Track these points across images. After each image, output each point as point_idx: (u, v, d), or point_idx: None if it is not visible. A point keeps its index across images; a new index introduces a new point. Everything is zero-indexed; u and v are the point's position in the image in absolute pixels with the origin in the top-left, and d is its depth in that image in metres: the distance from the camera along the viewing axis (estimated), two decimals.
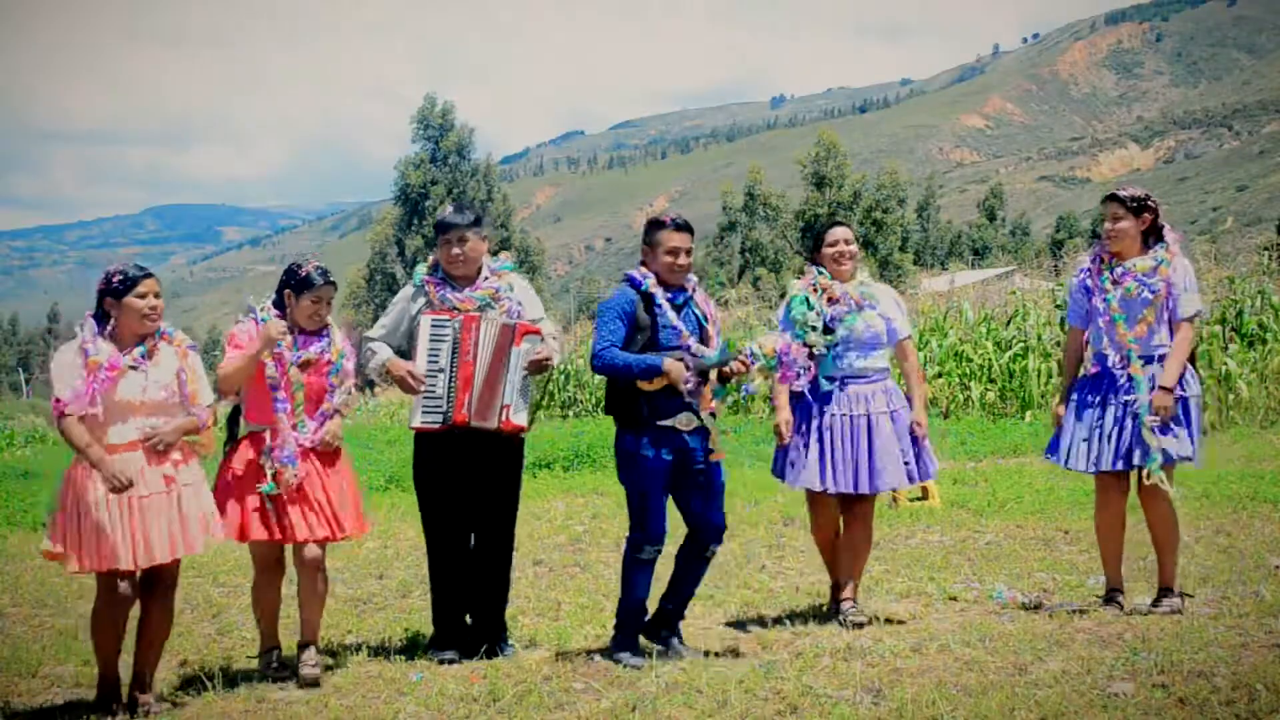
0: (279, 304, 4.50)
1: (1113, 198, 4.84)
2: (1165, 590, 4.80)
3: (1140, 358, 4.72)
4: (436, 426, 4.65)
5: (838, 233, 5.05)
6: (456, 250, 4.73)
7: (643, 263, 4.65)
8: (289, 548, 4.52)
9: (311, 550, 4.44)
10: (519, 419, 4.69)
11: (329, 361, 4.49)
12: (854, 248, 5.04)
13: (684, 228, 4.59)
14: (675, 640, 4.66)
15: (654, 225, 4.61)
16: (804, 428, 4.93)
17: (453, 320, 4.66)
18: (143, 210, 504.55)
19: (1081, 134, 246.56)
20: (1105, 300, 4.76)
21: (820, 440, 4.88)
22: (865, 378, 4.92)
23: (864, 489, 4.88)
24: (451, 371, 4.64)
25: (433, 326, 4.66)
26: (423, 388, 4.61)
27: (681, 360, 4.39)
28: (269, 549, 4.52)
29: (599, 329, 4.50)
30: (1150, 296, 4.70)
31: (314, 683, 4.34)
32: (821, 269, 5.05)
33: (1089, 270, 4.91)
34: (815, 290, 4.97)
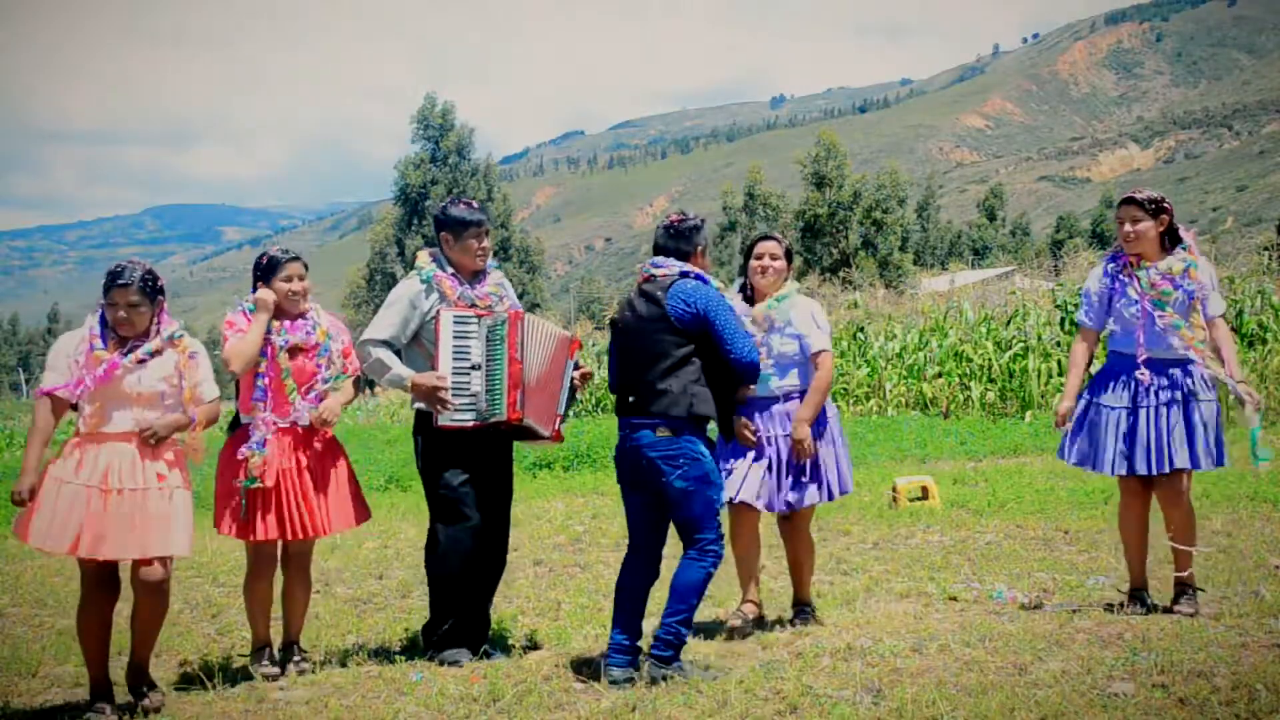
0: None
1: (1130, 200, 4.79)
2: (1186, 587, 4.80)
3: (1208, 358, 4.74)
4: (470, 424, 4.56)
5: (765, 246, 4.96)
6: (486, 244, 4.76)
7: (690, 261, 4.47)
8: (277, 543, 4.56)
9: (302, 547, 4.54)
10: (563, 429, 4.78)
11: (316, 344, 4.52)
12: (780, 263, 4.93)
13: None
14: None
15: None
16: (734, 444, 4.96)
17: (482, 318, 4.60)
18: (143, 210, 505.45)
19: (1081, 134, 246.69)
20: (1152, 302, 4.71)
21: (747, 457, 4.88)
22: (775, 400, 4.84)
23: (772, 508, 4.86)
24: (492, 368, 4.55)
25: (456, 323, 4.56)
26: (449, 391, 4.54)
27: None
28: (267, 546, 4.54)
29: (736, 328, 4.27)
30: (1189, 300, 4.72)
31: (303, 674, 4.41)
32: (739, 284, 5.04)
33: (1118, 274, 4.83)
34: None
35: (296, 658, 4.56)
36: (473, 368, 4.55)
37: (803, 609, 5.08)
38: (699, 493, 4.20)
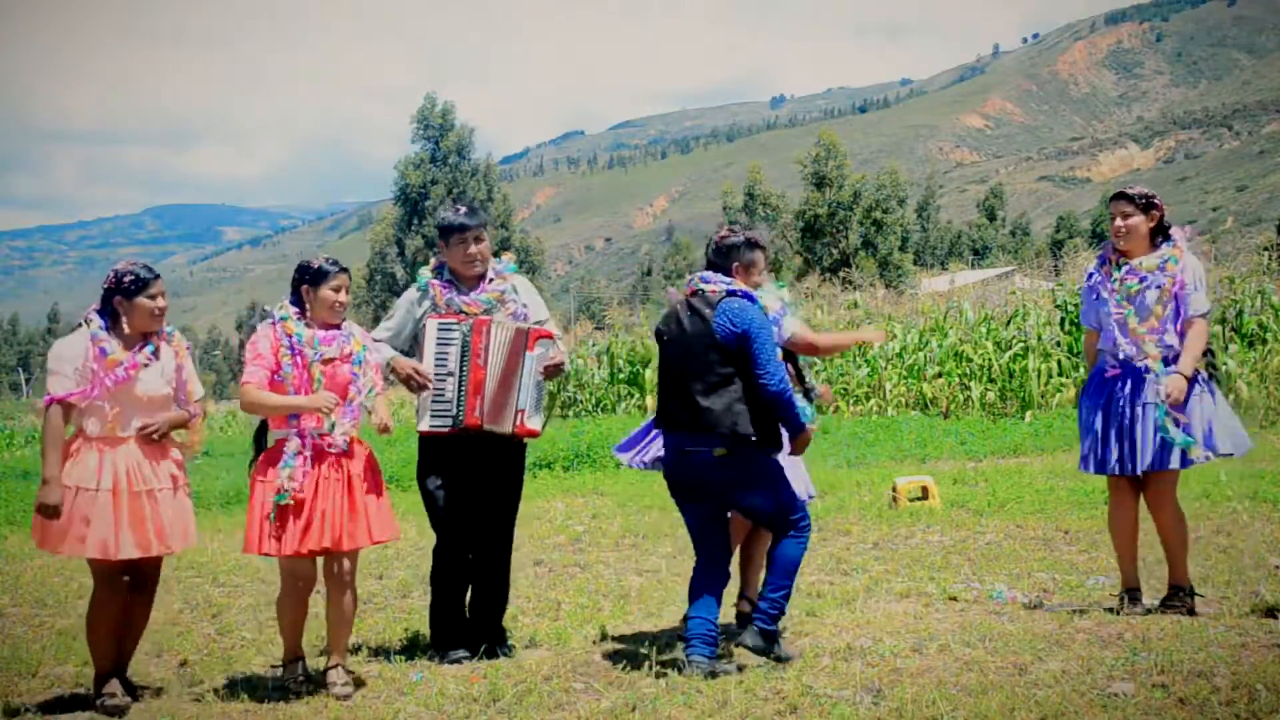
0: (296, 301, 4.41)
1: (1121, 195, 4.82)
2: (1177, 589, 4.79)
3: (1158, 348, 4.68)
4: (446, 430, 4.63)
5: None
6: (473, 249, 4.72)
7: (731, 276, 4.41)
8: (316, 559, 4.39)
9: (344, 563, 4.34)
10: (533, 424, 4.71)
11: (350, 354, 4.39)
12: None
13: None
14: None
15: (754, 245, 4.44)
16: None
17: (460, 324, 4.64)
18: (143, 210, 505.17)
19: (1081, 134, 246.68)
20: (1116, 299, 4.73)
21: None
22: None
23: None
24: (462, 375, 4.61)
25: (439, 330, 4.63)
26: (430, 389, 4.59)
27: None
28: (301, 562, 4.32)
29: (773, 356, 4.21)
30: (1156, 292, 4.67)
31: (347, 698, 4.23)
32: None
33: (1098, 271, 4.87)
34: None
35: (340, 680, 4.29)
36: (449, 374, 4.61)
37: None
38: (776, 494, 4.28)
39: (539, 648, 4.87)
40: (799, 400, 4.39)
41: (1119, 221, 4.78)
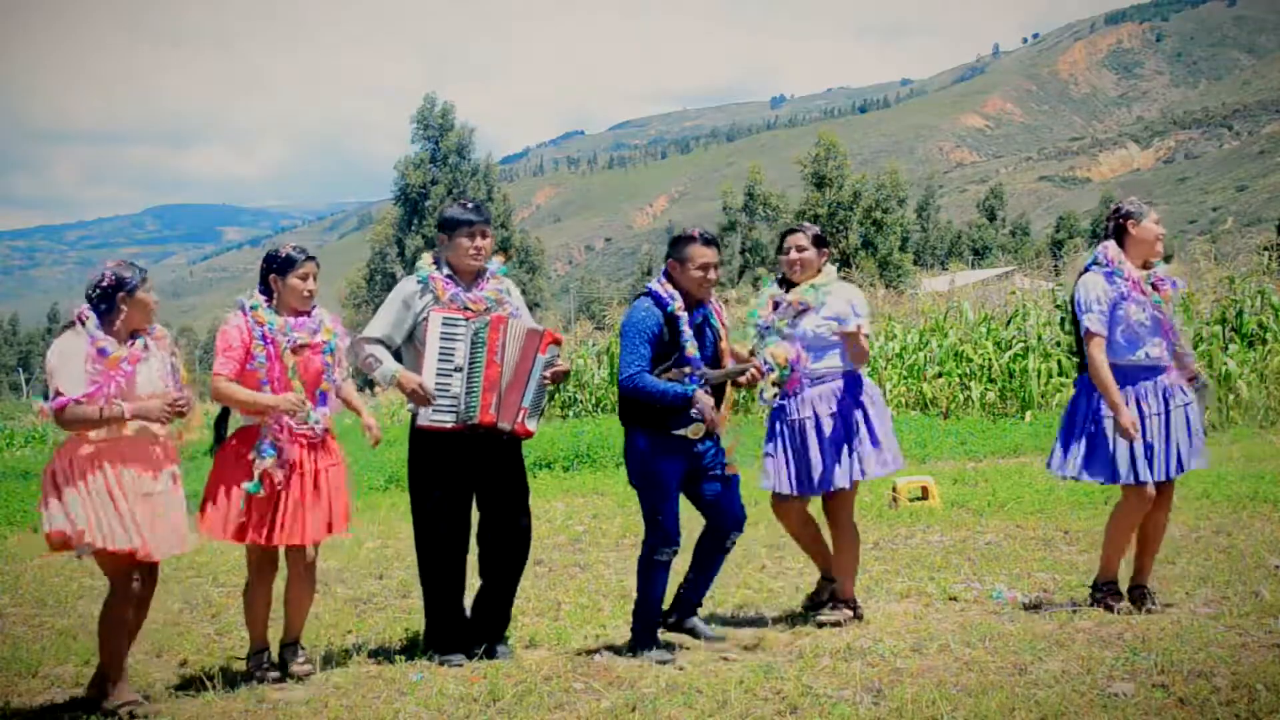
0: (265, 291, 4.47)
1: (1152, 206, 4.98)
2: (1143, 588, 4.88)
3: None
4: (449, 425, 4.60)
5: (791, 240, 4.99)
6: (480, 243, 4.72)
7: (667, 274, 4.63)
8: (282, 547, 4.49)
9: (308, 552, 4.48)
10: (531, 424, 4.72)
11: (323, 341, 4.48)
12: (808, 253, 4.92)
13: (713, 242, 4.61)
14: (695, 621, 4.89)
15: (683, 240, 4.62)
16: (773, 432, 4.98)
17: (469, 321, 4.62)
18: (143, 210, 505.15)
19: (1081, 134, 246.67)
20: (1170, 310, 4.82)
21: (783, 444, 4.93)
22: (820, 380, 4.85)
23: (810, 491, 4.90)
24: (472, 370, 4.58)
25: (444, 325, 4.60)
26: (433, 394, 4.57)
27: (707, 390, 4.51)
28: (266, 550, 4.47)
29: (626, 350, 4.49)
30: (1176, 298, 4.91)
31: (307, 676, 4.41)
32: (777, 276, 5.11)
33: (1125, 280, 4.78)
34: (772, 303, 4.97)
35: (300, 658, 4.53)
36: (455, 370, 4.59)
37: (837, 604, 4.97)
38: (635, 486, 4.69)
39: (539, 648, 4.87)
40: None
41: (1163, 229, 4.93)
